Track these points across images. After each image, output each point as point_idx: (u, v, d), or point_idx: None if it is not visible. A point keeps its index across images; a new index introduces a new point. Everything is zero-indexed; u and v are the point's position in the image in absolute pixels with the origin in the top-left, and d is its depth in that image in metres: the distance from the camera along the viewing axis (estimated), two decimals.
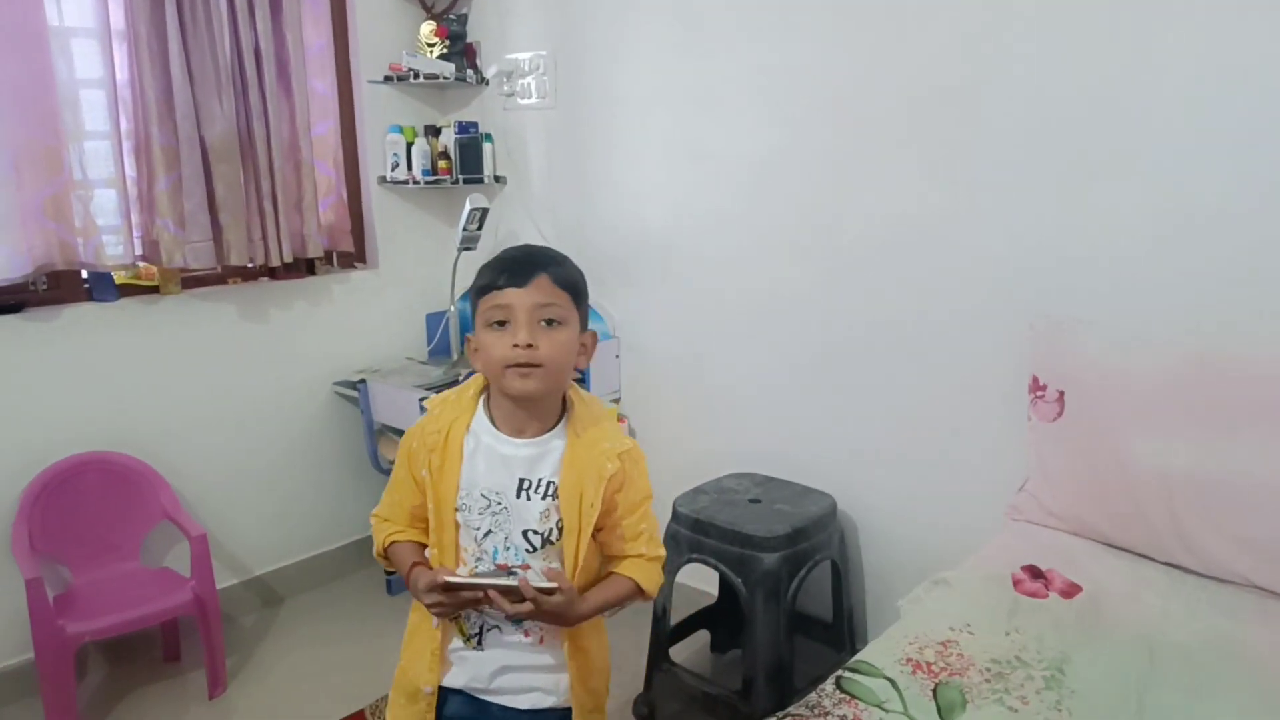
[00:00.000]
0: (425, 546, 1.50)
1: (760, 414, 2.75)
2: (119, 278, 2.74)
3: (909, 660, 1.57)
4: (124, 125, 2.62)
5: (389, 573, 3.18)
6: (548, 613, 1.35)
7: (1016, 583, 1.81)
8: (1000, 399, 2.24)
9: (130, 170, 2.65)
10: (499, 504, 1.41)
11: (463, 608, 1.41)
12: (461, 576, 1.37)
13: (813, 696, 1.50)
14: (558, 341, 1.35)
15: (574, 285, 1.39)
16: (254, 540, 3.08)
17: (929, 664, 1.56)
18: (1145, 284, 2.00)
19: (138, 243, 2.70)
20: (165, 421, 2.82)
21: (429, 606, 1.40)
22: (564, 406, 1.45)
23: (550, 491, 1.41)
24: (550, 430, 1.43)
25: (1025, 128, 2.13)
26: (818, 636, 2.62)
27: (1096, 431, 1.94)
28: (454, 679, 1.48)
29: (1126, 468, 1.88)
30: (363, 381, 3.06)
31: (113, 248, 2.65)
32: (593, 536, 1.42)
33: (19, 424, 2.53)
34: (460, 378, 3.04)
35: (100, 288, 2.69)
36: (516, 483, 1.41)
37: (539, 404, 1.40)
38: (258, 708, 2.56)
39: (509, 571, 1.40)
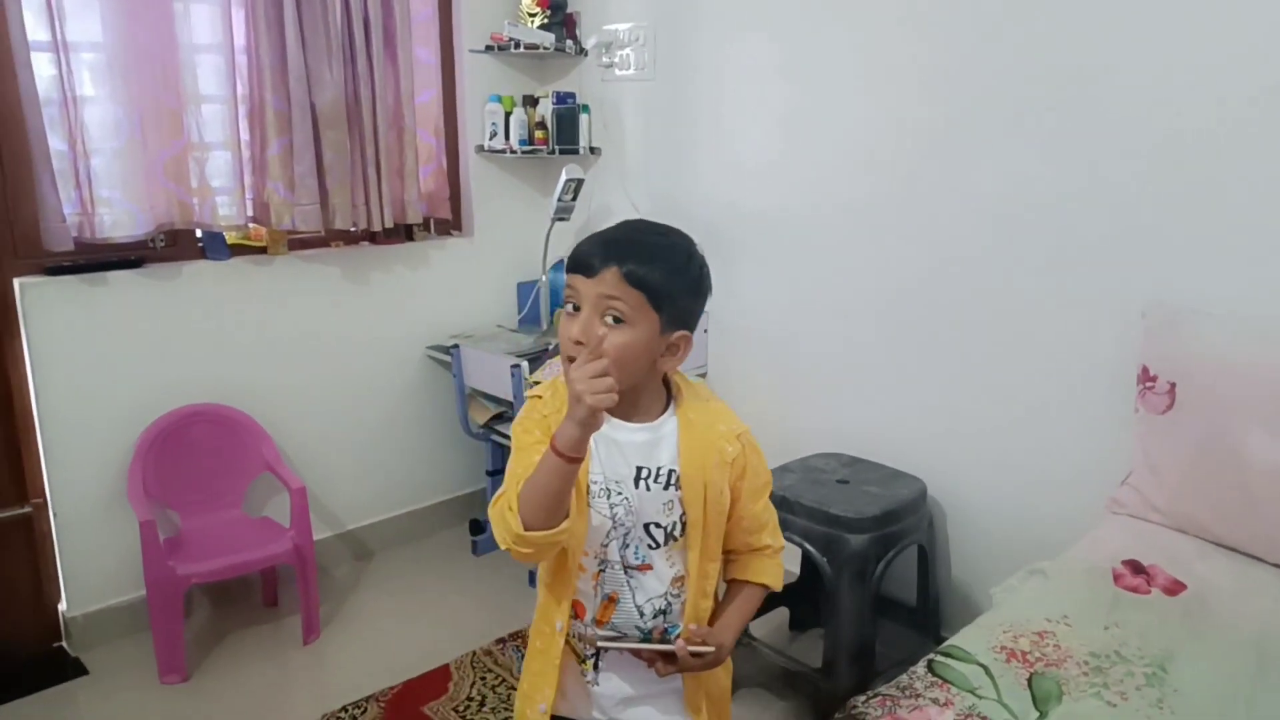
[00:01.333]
0: None
1: (851, 394, 2.72)
2: (230, 238, 2.85)
3: (1003, 648, 1.55)
4: (239, 90, 2.71)
5: (475, 536, 3.28)
6: (700, 668, 1.28)
7: (1117, 577, 1.77)
8: (1104, 388, 2.17)
9: (244, 134, 2.74)
10: (619, 494, 1.29)
11: None
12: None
13: (903, 678, 1.50)
14: (617, 343, 1.19)
15: (652, 285, 1.20)
16: (347, 495, 3.19)
17: (1024, 653, 1.53)
18: (1269, 275, 1.91)
19: (249, 204, 2.80)
20: (269, 377, 2.93)
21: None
22: (668, 389, 1.34)
23: (672, 481, 1.29)
24: (660, 416, 1.32)
25: (1148, 107, 2.05)
26: (900, 620, 2.60)
27: (1210, 426, 1.86)
28: (574, 709, 1.37)
29: (1241, 465, 1.80)
30: (456, 346, 3.12)
31: (226, 209, 2.75)
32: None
33: (136, 374, 2.66)
34: (550, 347, 3.08)
35: (213, 247, 2.80)
36: (635, 471, 1.29)
37: (629, 392, 1.25)
38: (349, 656, 2.67)
39: (660, 637, 1.31)
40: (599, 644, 1.30)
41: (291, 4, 2.66)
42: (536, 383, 2.79)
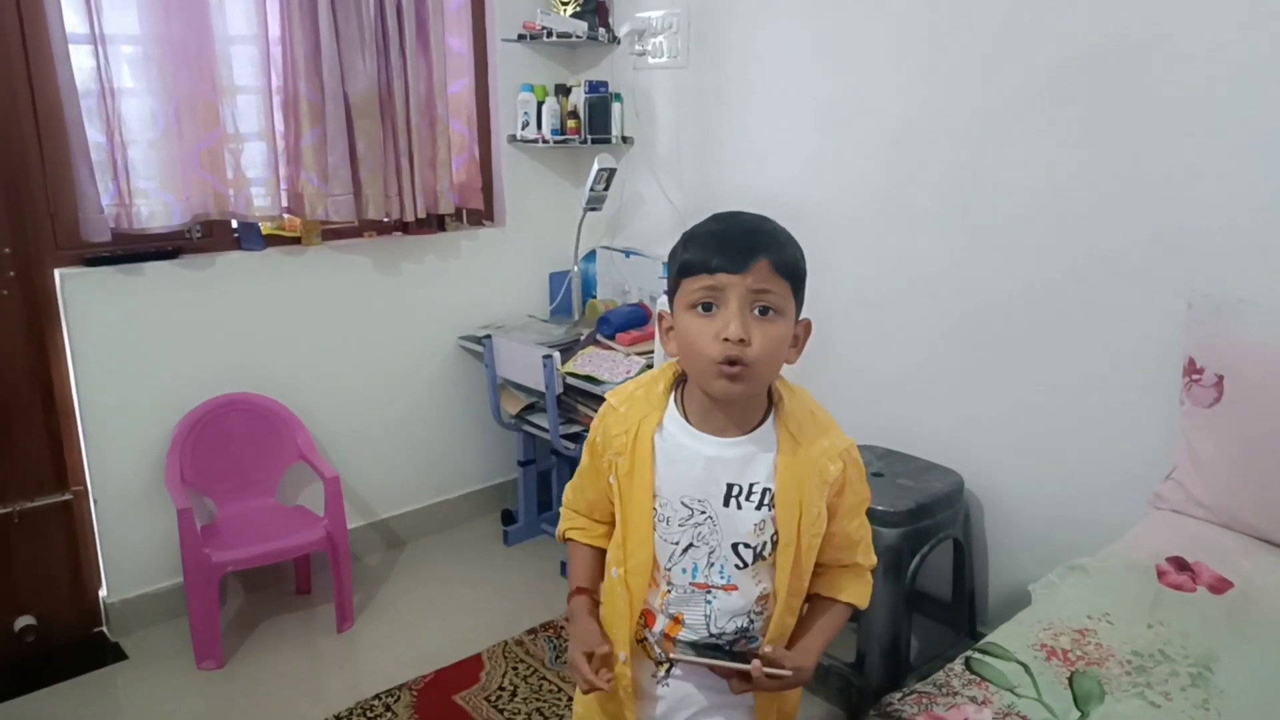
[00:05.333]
0: (602, 553, 1.37)
1: (886, 386, 2.69)
2: (265, 228, 2.87)
3: (1043, 646, 1.52)
4: (274, 81, 2.72)
5: (507, 526, 3.28)
6: (779, 688, 1.23)
7: (1161, 574, 1.73)
8: (1146, 380, 2.12)
9: (279, 124, 2.75)
10: (702, 513, 1.22)
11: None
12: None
13: (940, 675, 1.47)
14: (772, 336, 1.16)
15: (797, 271, 1.19)
16: (379, 484, 3.21)
17: (1064, 651, 1.50)
18: None
19: (283, 195, 2.81)
20: (303, 367, 2.95)
21: (582, 677, 1.24)
22: (769, 398, 1.26)
23: (766, 500, 1.22)
24: (758, 427, 1.24)
25: (1193, 92, 1.99)
26: (934, 615, 2.57)
27: (1260, 420, 1.81)
28: (640, 709, 1.31)
29: None
30: (488, 336, 3.12)
31: (260, 199, 2.76)
32: None
33: (173, 363, 2.69)
34: (581, 337, 3.07)
35: (248, 237, 2.82)
36: (724, 489, 1.22)
37: (742, 403, 1.23)
38: (382, 644, 2.68)
39: (738, 652, 1.25)
40: (673, 657, 1.25)
41: None
42: (592, 377, 2.76)
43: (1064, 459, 2.32)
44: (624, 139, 3.30)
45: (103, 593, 2.71)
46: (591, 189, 3.07)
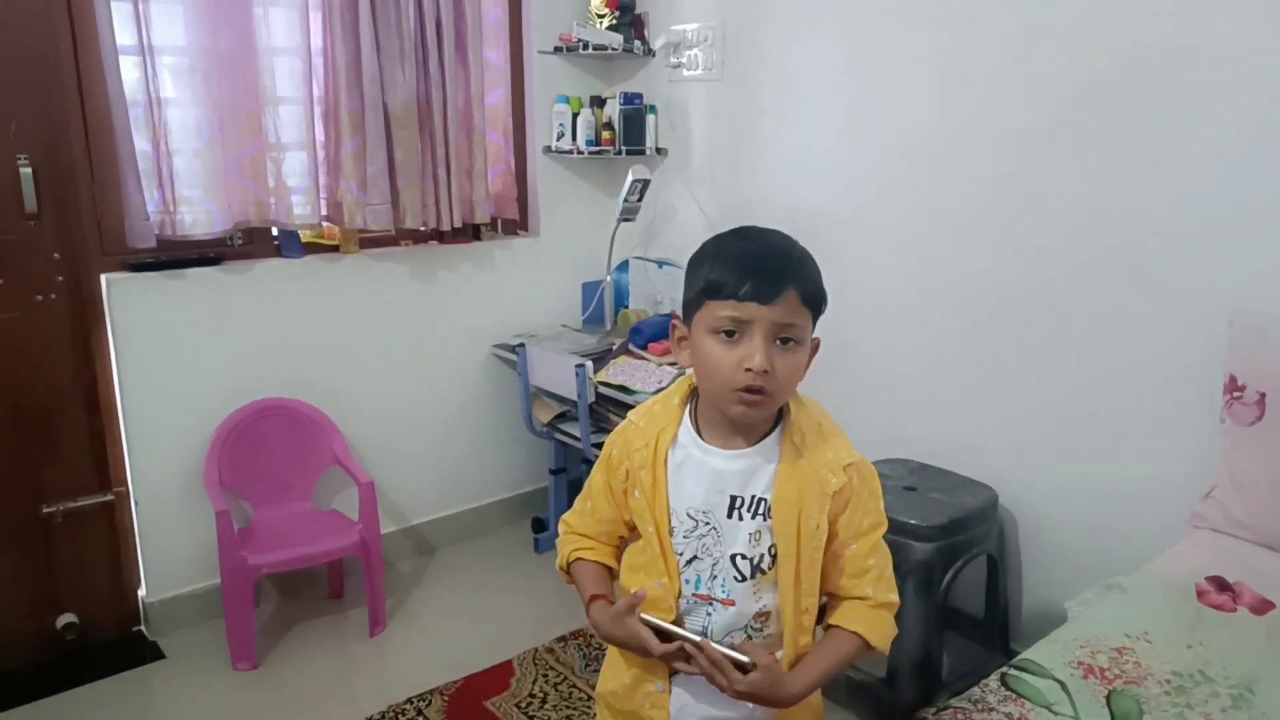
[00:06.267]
0: (612, 570, 1.37)
1: (919, 400, 2.67)
2: (304, 236, 2.91)
3: (1080, 664, 1.51)
4: (315, 91, 2.77)
5: (537, 533, 3.30)
6: (746, 694, 1.16)
7: (1201, 594, 1.71)
8: (1186, 397, 2.10)
9: (319, 134, 2.80)
10: (707, 525, 1.23)
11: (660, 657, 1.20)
12: (657, 618, 1.21)
13: (975, 691, 1.46)
14: (792, 364, 1.18)
15: (820, 300, 1.21)
16: (413, 490, 3.24)
17: (1102, 669, 1.49)
18: None
19: (323, 203, 2.85)
20: (340, 373, 2.99)
21: (627, 645, 1.23)
22: (780, 411, 1.27)
23: (762, 510, 1.22)
24: (765, 438, 1.24)
25: (1232, 106, 1.97)
26: (966, 632, 2.55)
27: None
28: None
29: None
30: (521, 345, 3.14)
31: (300, 207, 2.81)
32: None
33: (214, 368, 2.74)
34: (613, 347, 3.09)
35: (288, 245, 2.87)
36: (728, 501, 1.23)
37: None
38: (413, 649, 2.70)
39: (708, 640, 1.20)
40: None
41: (367, 7, 2.71)
42: (624, 387, 2.76)
43: (1100, 476, 2.29)
44: (658, 150, 3.32)
45: (142, 592, 2.76)
46: (625, 200, 3.09)
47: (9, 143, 2.38)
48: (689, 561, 1.25)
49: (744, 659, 1.14)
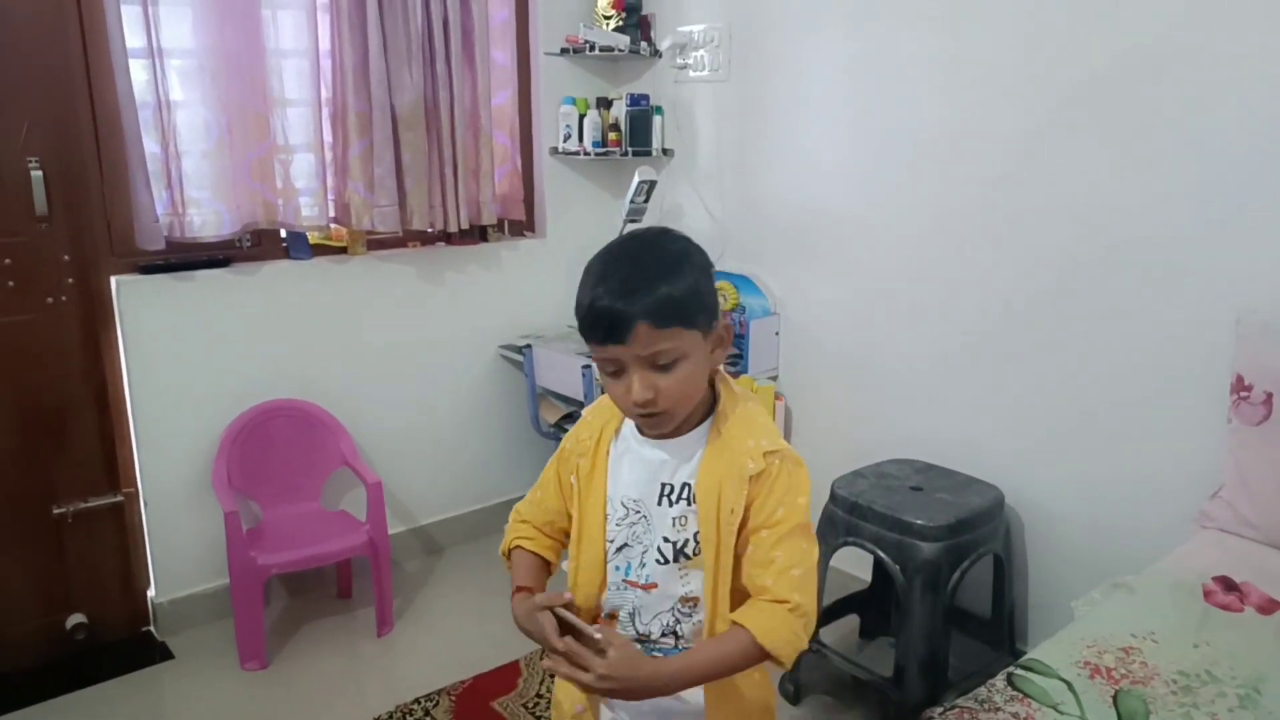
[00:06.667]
0: (548, 564, 1.39)
1: (926, 400, 2.68)
2: (312, 238, 2.92)
3: (1086, 664, 1.51)
4: (323, 93, 2.78)
5: None
6: (606, 679, 1.11)
7: (1207, 593, 1.71)
8: (1193, 397, 2.10)
9: (327, 136, 2.81)
10: (638, 513, 1.27)
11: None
12: (569, 615, 1.17)
13: (982, 691, 1.47)
14: (678, 380, 1.17)
15: (681, 312, 1.16)
16: (420, 491, 3.25)
17: (1109, 669, 1.49)
18: None
19: (331, 205, 2.87)
20: (347, 374, 3.00)
21: (534, 638, 1.21)
22: (714, 397, 1.28)
23: (687, 495, 1.24)
24: (696, 428, 1.26)
25: (1239, 105, 1.97)
26: (973, 632, 2.54)
27: None
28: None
29: None
30: (528, 346, 3.15)
31: (308, 209, 2.82)
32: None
33: (222, 369, 2.75)
34: None
35: (296, 247, 2.88)
36: (659, 488, 1.26)
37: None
38: (421, 649, 2.72)
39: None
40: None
41: (374, 8, 2.72)
42: None
43: (1106, 475, 2.29)
44: (665, 151, 3.33)
45: (151, 593, 2.77)
46: (632, 201, 3.09)
47: (20, 146, 2.40)
48: (619, 549, 1.29)
49: (597, 636, 1.12)
